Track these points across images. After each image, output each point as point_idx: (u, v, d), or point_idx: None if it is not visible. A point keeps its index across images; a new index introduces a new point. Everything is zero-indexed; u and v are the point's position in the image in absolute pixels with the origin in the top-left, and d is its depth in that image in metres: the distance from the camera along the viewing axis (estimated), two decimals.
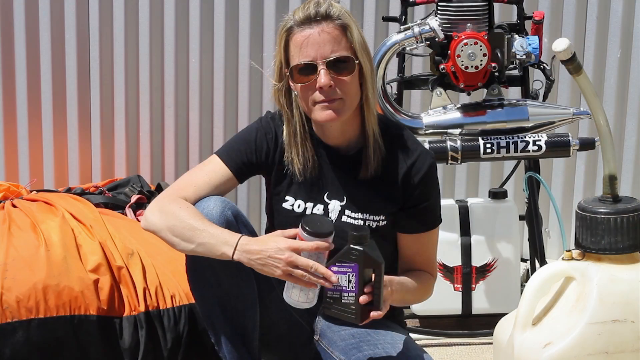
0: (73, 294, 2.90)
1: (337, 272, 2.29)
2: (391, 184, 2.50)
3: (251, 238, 2.38)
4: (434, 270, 2.60)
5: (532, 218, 3.40)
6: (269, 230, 2.58)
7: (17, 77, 4.01)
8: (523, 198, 3.52)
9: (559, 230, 3.99)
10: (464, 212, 3.43)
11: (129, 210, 3.37)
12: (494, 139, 3.24)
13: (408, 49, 3.36)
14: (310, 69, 2.40)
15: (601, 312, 2.36)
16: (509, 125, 3.28)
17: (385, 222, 2.52)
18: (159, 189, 3.66)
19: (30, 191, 3.38)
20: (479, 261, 3.40)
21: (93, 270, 2.94)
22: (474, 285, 3.41)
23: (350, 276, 2.29)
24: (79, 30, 4.00)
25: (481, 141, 3.24)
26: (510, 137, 3.24)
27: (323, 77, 2.39)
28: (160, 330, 2.92)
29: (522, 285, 3.42)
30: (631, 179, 4.07)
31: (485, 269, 3.41)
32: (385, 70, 3.30)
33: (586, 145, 3.29)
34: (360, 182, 2.51)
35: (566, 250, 2.47)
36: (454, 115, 3.30)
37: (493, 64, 3.23)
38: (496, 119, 3.28)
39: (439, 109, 3.32)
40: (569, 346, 2.36)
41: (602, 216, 2.43)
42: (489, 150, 3.23)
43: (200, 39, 4.02)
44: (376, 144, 2.49)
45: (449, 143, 3.23)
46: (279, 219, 2.57)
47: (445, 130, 3.29)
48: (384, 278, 2.33)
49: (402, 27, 3.29)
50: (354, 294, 2.29)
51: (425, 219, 2.54)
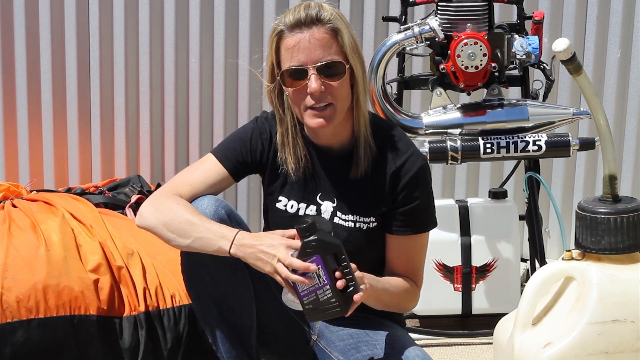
0: (73, 294, 2.90)
1: (303, 274, 2.27)
2: (381, 185, 2.50)
3: (248, 233, 2.38)
4: (418, 279, 2.56)
5: (532, 218, 3.40)
6: (266, 230, 2.59)
7: (17, 77, 4.02)
8: (523, 198, 3.52)
9: (559, 230, 3.99)
10: (464, 212, 3.43)
11: (129, 210, 3.37)
12: (494, 139, 3.24)
13: (408, 49, 3.36)
14: (300, 73, 2.40)
15: (601, 312, 2.36)
16: (509, 125, 3.28)
17: (375, 224, 2.51)
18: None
19: (30, 191, 3.38)
20: (479, 261, 3.40)
21: (93, 270, 2.94)
22: (474, 285, 3.41)
23: (318, 271, 2.26)
24: (79, 30, 4.00)
25: (481, 141, 3.24)
26: (510, 137, 3.24)
27: (313, 83, 2.39)
28: (160, 330, 2.92)
29: (522, 285, 3.42)
30: (631, 179, 4.07)
31: (485, 269, 3.41)
32: (385, 70, 3.30)
33: (586, 145, 3.29)
34: (351, 183, 2.50)
35: (566, 250, 2.47)
36: (454, 115, 3.30)
37: (493, 64, 3.23)
38: (496, 119, 3.28)
39: (439, 109, 3.32)
40: (569, 346, 2.36)
41: (602, 216, 2.43)
42: (489, 150, 3.23)
43: (200, 39, 4.02)
44: (367, 145, 2.48)
45: (449, 143, 3.23)
46: (272, 218, 2.57)
47: (445, 130, 3.29)
48: (357, 274, 2.30)
49: (402, 27, 3.29)
50: (328, 286, 2.26)
51: (413, 221, 2.51)
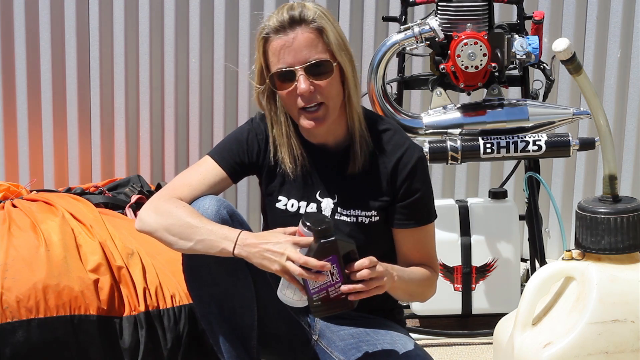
0: (73, 294, 2.90)
1: (319, 272, 2.29)
2: (380, 179, 2.50)
3: (251, 233, 2.38)
4: (435, 265, 2.58)
5: (532, 218, 3.40)
6: (265, 230, 2.58)
7: (17, 77, 4.02)
8: (523, 198, 3.52)
9: (559, 230, 3.99)
10: (464, 212, 3.43)
11: (129, 210, 3.37)
12: (494, 139, 3.24)
13: (408, 49, 3.36)
14: (289, 75, 2.40)
15: (601, 312, 2.36)
16: (509, 125, 3.28)
17: (377, 218, 2.51)
18: (159, 189, 3.64)
19: (30, 191, 3.38)
20: (479, 261, 3.40)
21: (93, 270, 2.94)
22: (474, 285, 3.41)
23: (332, 269, 2.27)
24: (79, 30, 4.00)
25: (481, 141, 3.24)
26: (510, 137, 3.24)
27: (302, 83, 2.39)
28: (160, 330, 2.92)
29: (522, 285, 3.42)
30: (631, 179, 4.07)
31: (485, 269, 3.41)
32: (385, 70, 3.30)
33: (586, 145, 3.29)
34: (350, 179, 2.51)
35: (566, 250, 2.47)
36: (454, 115, 3.30)
37: (493, 64, 3.23)
38: (496, 119, 3.28)
39: (439, 109, 3.32)
40: (569, 346, 2.36)
41: (602, 216, 2.43)
42: (489, 150, 3.23)
43: (200, 39, 4.02)
44: (362, 140, 2.48)
45: (449, 143, 3.23)
46: (273, 218, 2.57)
47: (445, 130, 3.29)
48: (385, 264, 2.33)
49: (402, 27, 3.29)
50: (340, 283, 2.28)
51: (417, 213, 2.52)
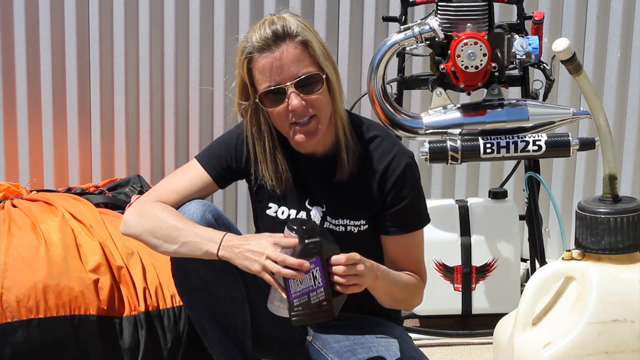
0: (73, 293, 2.90)
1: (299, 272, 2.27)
2: (368, 187, 2.48)
3: (236, 235, 2.37)
4: (423, 273, 2.55)
5: (532, 218, 3.40)
6: None
7: (17, 77, 4.02)
8: (523, 198, 3.52)
9: (559, 230, 3.99)
10: (464, 212, 3.42)
11: None
12: (494, 139, 3.24)
13: (408, 49, 3.35)
14: (279, 93, 2.37)
15: (601, 312, 2.36)
16: (509, 125, 3.28)
17: (367, 226, 2.50)
18: None
19: (30, 191, 3.38)
20: (479, 261, 3.40)
21: (93, 270, 2.94)
22: (474, 285, 3.41)
23: (315, 272, 2.26)
24: (79, 30, 4.00)
25: (481, 141, 3.23)
26: (510, 137, 3.24)
27: (294, 100, 2.36)
28: (160, 330, 2.93)
29: (522, 285, 3.42)
30: (631, 179, 4.07)
31: (485, 269, 3.41)
32: (385, 70, 3.30)
33: (586, 145, 3.29)
34: (339, 188, 2.49)
35: (566, 250, 2.47)
36: (454, 115, 3.30)
37: (493, 64, 3.23)
38: (496, 119, 3.28)
39: (439, 109, 3.32)
40: (569, 346, 2.36)
41: (602, 216, 2.43)
42: (489, 150, 3.23)
43: (200, 39, 4.02)
44: (349, 147, 2.46)
45: (449, 143, 3.22)
46: (263, 225, 2.56)
47: (445, 130, 3.29)
48: (369, 262, 2.32)
49: (402, 27, 3.28)
50: (322, 288, 2.26)
51: (406, 220, 2.50)
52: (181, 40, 4.03)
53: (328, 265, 2.27)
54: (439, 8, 3.25)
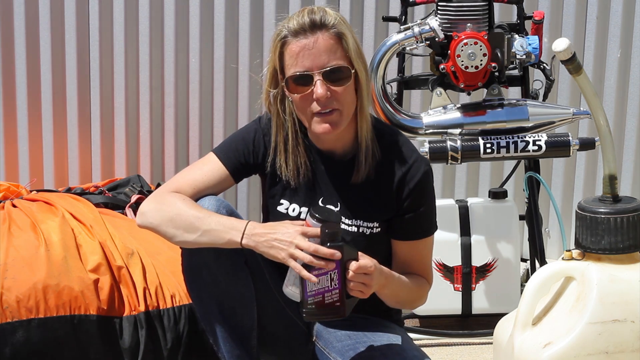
0: (73, 293, 2.90)
1: (319, 275, 2.29)
2: (385, 191, 2.49)
3: (259, 223, 2.38)
4: (429, 276, 2.58)
5: (532, 218, 3.40)
6: None
7: (17, 77, 4.02)
8: (523, 198, 3.52)
9: (559, 230, 3.99)
10: (464, 212, 3.43)
11: (129, 210, 3.36)
12: (494, 139, 3.24)
13: (408, 49, 3.36)
14: (306, 79, 2.39)
15: (601, 312, 2.36)
16: (509, 125, 3.28)
17: (379, 229, 2.51)
18: None
19: (30, 191, 3.38)
20: (479, 261, 3.40)
21: (93, 270, 2.94)
22: (474, 285, 3.41)
23: (332, 274, 2.28)
24: (79, 30, 4.00)
25: (481, 141, 3.23)
26: (510, 137, 3.24)
27: (319, 88, 2.37)
28: (160, 330, 2.92)
29: (522, 285, 3.42)
30: (631, 179, 4.07)
31: (485, 269, 3.41)
32: (385, 70, 3.30)
33: (586, 145, 3.29)
34: (354, 189, 2.50)
35: (566, 250, 2.47)
36: (454, 115, 3.30)
37: (493, 64, 3.23)
38: (496, 119, 3.28)
39: (439, 109, 3.32)
40: (569, 346, 2.36)
41: (602, 216, 2.43)
42: (489, 150, 3.23)
43: (200, 39, 4.02)
44: (368, 151, 2.47)
45: (449, 143, 3.23)
46: (274, 220, 2.56)
47: (445, 130, 3.29)
48: (381, 270, 2.35)
49: (402, 27, 3.29)
50: (337, 291, 2.29)
51: (420, 226, 2.52)
52: (181, 40, 4.03)
53: (346, 269, 2.30)
54: (439, 8, 3.26)
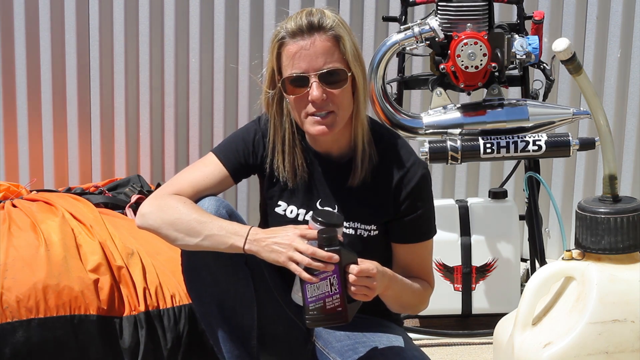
0: (73, 293, 2.90)
1: (319, 279, 2.29)
2: (382, 194, 2.49)
3: (261, 228, 2.39)
4: (431, 280, 2.58)
5: (532, 218, 3.40)
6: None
7: (17, 77, 4.02)
8: (523, 198, 3.52)
9: (559, 230, 3.99)
10: (464, 212, 3.43)
11: (129, 210, 3.36)
12: (494, 139, 3.24)
13: (408, 49, 3.35)
14: (302, 81, 2.39)
15: (601, 312, 2.36)
16: (509, 125, 3.28)
17: (377, 232, 2.51)
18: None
19: (30, 191, 3.38)
20: (479, 261, 3.40)
21: (93, 270, 2.94)
22: (474, 285, 3.41)
23: (332, 279, 2.28)
24: (79, 30, 4.00)
25: (481, 141, 3.23)
26: (510, 137, 3.24)
27: (315, 90, 2.37)
28: (160, 330, 2.92)
29: (522, 285, 3.42)
30: (631, 179, 4.07)
31: (485, 269, 3.41)
32: (385, 70, 3.30)
33: (586, 145, 3.29)
34: (352, 191, 2.49)
35: (566, 250, 2.47)
36: (454, 115, 3.30)
37: (493, 64, 3.23)
38: (496, 119, 3.28)
39: (439, 109, 3.32)
40: (569, 346, 2.36)
41: (602, 216, 2.43)
42: (489, 150, 3.23)
43: (200, 39, 4.02)
44: (365, 154, 2.47)
45: (449, 143, 3.22)
46: (272, 222, 2.56)
47: (445, 130, 3.29)
48: (382, 269, 2.35)
49: (402, 27, 3.29)
50: (338, 295, 2.28)
51: (418, 230, 2.52)
52: (181, 40, 4.03)
53: (345, 273, 2.29)
54: (439, 8, 3.26)
